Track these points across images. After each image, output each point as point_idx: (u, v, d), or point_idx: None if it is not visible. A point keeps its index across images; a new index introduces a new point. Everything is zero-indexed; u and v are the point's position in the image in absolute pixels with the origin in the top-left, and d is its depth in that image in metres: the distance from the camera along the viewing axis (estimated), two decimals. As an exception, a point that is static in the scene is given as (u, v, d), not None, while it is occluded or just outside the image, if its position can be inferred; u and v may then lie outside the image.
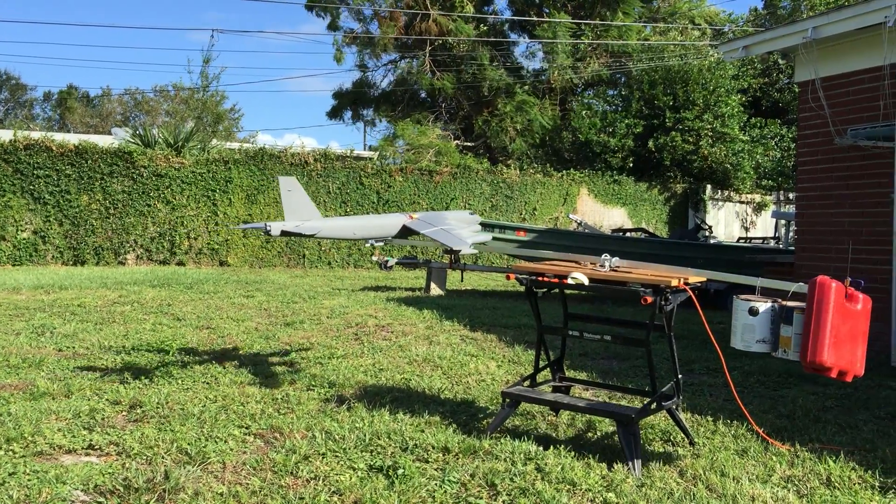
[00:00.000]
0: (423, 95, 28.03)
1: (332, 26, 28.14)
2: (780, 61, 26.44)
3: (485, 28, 27.59)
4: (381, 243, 5.86)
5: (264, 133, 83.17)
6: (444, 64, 26.55)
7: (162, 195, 16.99)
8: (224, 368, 6.19)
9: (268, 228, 5.20)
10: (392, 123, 28.07)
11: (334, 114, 31.00)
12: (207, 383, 5.68)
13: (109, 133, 28.30)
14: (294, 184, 5.69)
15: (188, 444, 4.20)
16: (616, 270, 4.47)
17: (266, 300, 10.74)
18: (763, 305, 3.90)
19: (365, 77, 29.78)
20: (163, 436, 4.34)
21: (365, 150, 29.74)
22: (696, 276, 4.36)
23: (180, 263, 17.02)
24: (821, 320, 3.64)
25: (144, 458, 4.03)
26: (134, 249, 16.82)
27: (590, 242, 13.26)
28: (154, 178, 16.93)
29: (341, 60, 27.53)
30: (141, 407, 4.95)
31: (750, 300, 3.95)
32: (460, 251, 5.13)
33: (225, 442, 4.30)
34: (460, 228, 5.55)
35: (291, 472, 3.84)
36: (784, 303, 3.90)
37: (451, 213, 5.94)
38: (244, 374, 6.00)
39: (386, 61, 29.12)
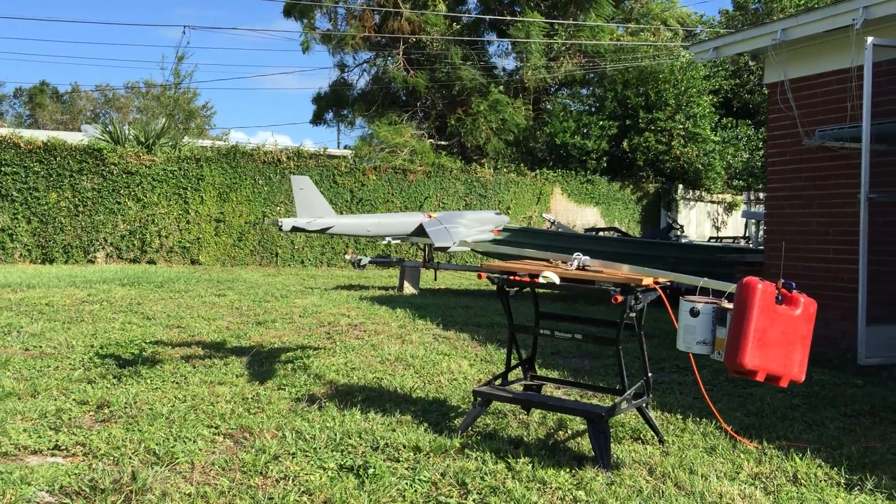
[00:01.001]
0: (398, 95, 27.96)
1: (309, 27, 28.02)
2: (751, 63, 26.73)
3: (458, 27, 27.59)
4: (394, 240, 5.89)
5: (238, 131, 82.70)
6: (419, 63, 26.51)
7: (132, 193, 16.82)
8: (194, 368, 6.13)
9: (280, 224, 5.33)
10: (367, 123, 28.00)
11: (316, 119, 30.90)
12: (177, 383, 5.62)
13: (79, 130, 27.95)
14: (307, 182, 5.81)
15: (156, 444, 4.16)
16: (586, 269, 4.49)
17: (238, 299, 10.66)
18: (704, 307, 3.85)
19: (342, 77, 29.67)
20: (130, 436, 4.29)
21: (339, 148, 29.66)
22: (650, 277, 4.37)
23: (151, 262, 16.86)
24: (744, 322, 3.59)
25: (111, 458, 3.98)
26: (104, 248, 16.63)
27: (563, 241, 13.32)
28: (124, 176, 16.75)
29: (308, 50, 27.39)
30: (109, 407, 4.89)
31: (694, 301, 3.92)
32: (445, 247, 5.16)
33: (194, 442, 4.26)
34: (470, 227, 5.57)
35: (261, 472, 3.81)
36: (723, 304, 3.87)
37: (474, 213, 5.96)
38: (214, 373, 5.95)
39: (361, 60, 29.04)
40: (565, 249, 10.05)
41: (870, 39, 6.61)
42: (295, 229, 5.44)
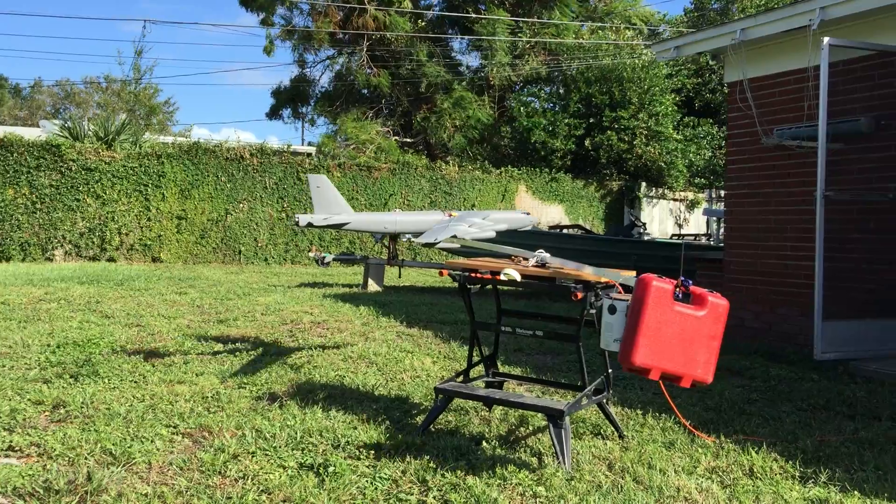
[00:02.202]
0: (363, 91, 27.87)
1: (266, 22, 27.79)
2: (711, 62, 27.06)
3: (423, 24, 27.56)
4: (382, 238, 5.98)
5: (201, 127, 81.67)
6: (383, 60, 26.44)
7: (92, 189, 16.56)
8: (153, 367, 6.06)
9: (296, 220, 5.44)
10: (331, 120, 27.86)
11: (273, 113, 30.64)
12: (135, 382, 5.55)
13: (38, 126, 27.45)
14: (323, 181, 5.90)
15: (113, 444, 4.10)
16: (546, 267, 4.51)
17: (199, 297, 10.55)
18: (620, 304, 3.82)
19: (303, 73, 29.47)
20: (86, 436, 4.22)
21: (303, 145, 29.47)
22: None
23: (111, 260, 16.62)
24: (636, 319, 3.56)
25: (66, 459, 3.92)
26: (62, 245, 16.36)
27: (527, 239, 13.37)
28: (83, 172, 16.49)
29: (271, 52, 27.19)
30: (64, 407, 4.81)
31: (613, 298, 3.90)
32: (430, 243, 5.21)
33: (151, 442, 4.20)
34: (482, 226, 5.60)
35: (219, 472, 3.78)
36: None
37: (499, 213, 5.97)
38: (174, 372, 5.88)
39: (324, 57, 28.88)
40: (529, 247, 10.09)
41: (826, 40, 6.72)
42: (311, 225, 5.58)
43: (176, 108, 54.54)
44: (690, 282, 3.71)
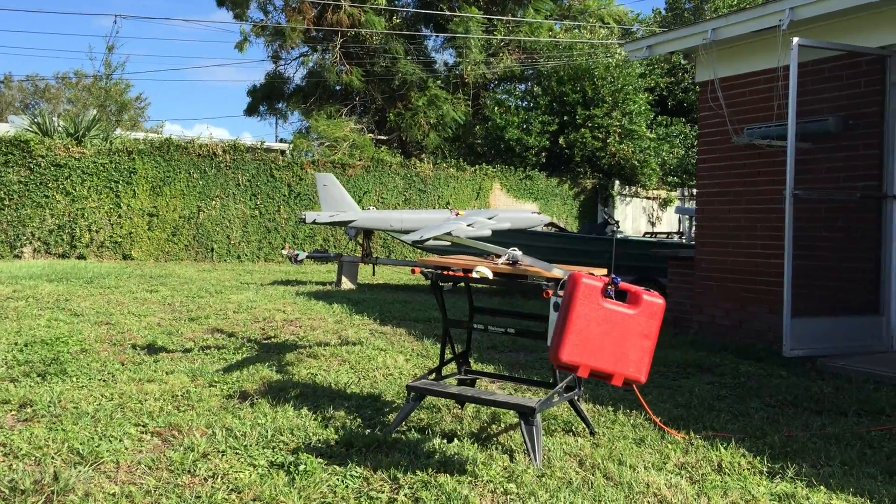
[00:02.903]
0: (336, 88, 27.75)
1: (239, 18, 27.59)
2: (683, 61, 27.28)
3: (397, 21, 27.51)
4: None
5: (174, 123, 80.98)
6: (357, 56, 26.34)
7: (61, 186, 16.36)
8: (122, 365, 6.00)
9: (302, 216, 5.43)
10: (304, 117, 27.73)
11: (251, 111, 30.48)
12: (104, 381, 5.49)
13: (6, 121, 27.05)
14: (330, 179, 5.90)
15: (80, 443, 4.05)
16: (518, 264, 4.53)
17: (170, 295, 10.46)
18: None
19: (277, 70, 29.30)
20: (53, 435, 4.17)
21: (276, 142, 29.32)
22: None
23: (81, 257, 16.43)
24: (564, 316, 3.56)
25: (33, 458, 3.87)
26: (31, 242, 16.14)
27: (503, 236, 13.39)
28: (53, 168, 16.28)
29: (244, 49, 26.99)
30: (31, 406, 4.74)
31: (560, 295, 3.90)
32: (419, 240, 5.24)
33: (120, 441, 4.16)
34: (478, 224, 5.63)
35: (189, 471, 3.75)
36: None
37: (507, 212, 5.99)
38: (143, 370, 5.82)
39: (298, 54, 28.72)
40: (503, 245, 10.11)
41: (795, 40, 6.80)
42: (316, 222, 5.60)
43: (148, 103, 53.88)
44: (619, 279, 3.68)
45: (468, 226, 10.45)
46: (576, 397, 4.56)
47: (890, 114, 7.08)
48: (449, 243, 10.86)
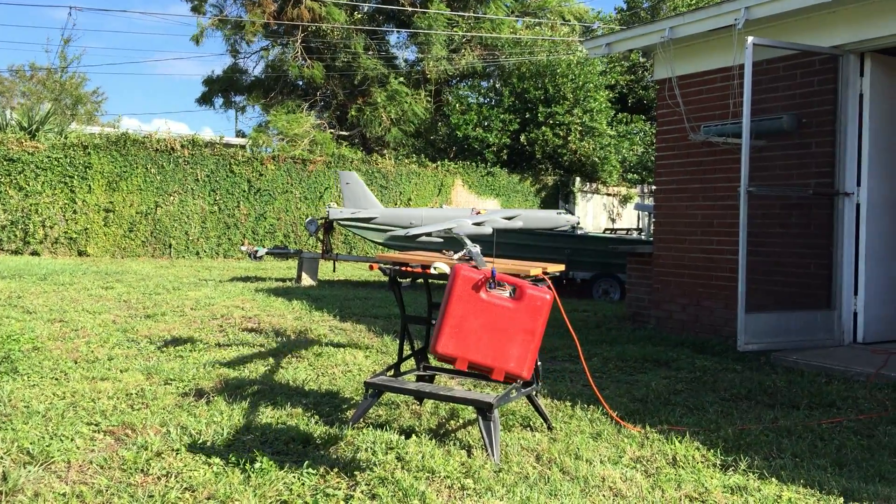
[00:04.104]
0: (297, 83, 27.52)
1: (197, 10, 27.21)
2: (642, 59, 27.55)
3: (359, 16, 27.37)
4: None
5: (132, 118, 79.53)
6: (318, 51, 26.16)
7: (14, 181, 16.02)
8: (76, 363, 5.89)
9: (326, 212, 5.47)
10: (264, 111, 27.47)
11: (204, 100, 30.03)
12: (56, 379, 5.38)
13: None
14: (353, 177, 5.94)
15: (31, 443, 3.96)
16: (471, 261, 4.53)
17: (126, 291, 10.29)
18: None
19: (236, 63, 28.97)
20: (3, 435, 4.07)
21: (235, 137, 29.01)
22: (539, 268, 4.45)
23: (34, 253, 16.10)
24: (443, 308, 3.57)
25: (-20, 459, 3.78)
26: (-18, 238, 15.78)
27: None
28: (5, 163, 15.94)
29: (200, 42, 26.64)
30: (-20, 406, 4.64)
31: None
32: (412, 235, 5.28)
33: (71, 440, 4.08)
34: (489, 222, 5.66)
35: (142, 470, 3.69)
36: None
37: (531, 212, 6.03)
38: (97, 369, 5.72)
39: (258, 48, 28.42)
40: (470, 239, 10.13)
41: (750, 39, 6.89)
42: (337, 220, 5.64)
43: (104, 98, 52.93)
44: (495, 272, 3.65)
45: (474, 224, 10.52)
46: (534, 392, 4.57)
47: (842, 112, 7.21)
48: (442, 240, 10.90)
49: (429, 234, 10.03)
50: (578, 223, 13.61)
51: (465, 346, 3.48)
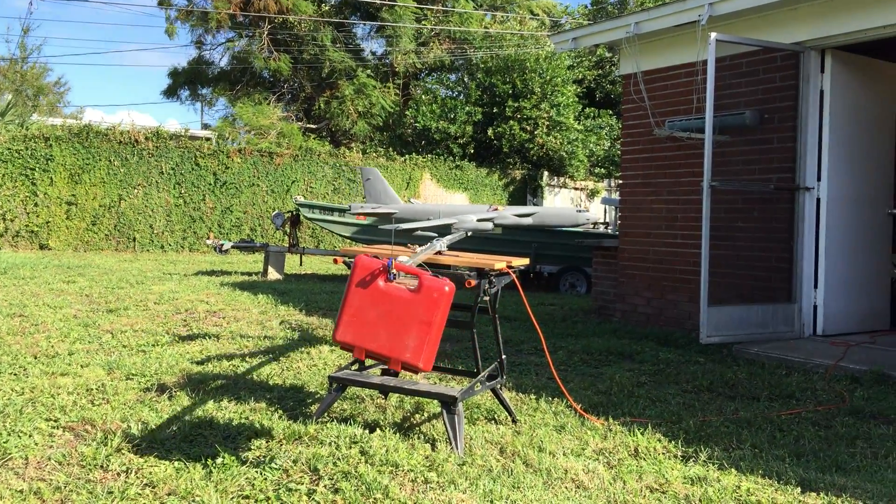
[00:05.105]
0: (263, 75, 27.27)
1: (163, 3, 26.83)
2: (608, 54, 27.71)
3: (326, 8, 27.19)
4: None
5: (96, 109, 78.27)
6: (285, 43, 25.94)
7: (-27, 173, 15.70)
8: (35, 358, 5.79)
9: (349, 207, 5.50)
10: (231, 103, 27.20)
11: (170, 93, 29.65)
12: (14, 374, 5.30)
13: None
14: (374, 173, 5.97)
15: (-13, 440, 3.90)
16: (441, 254, 4.53)
17: (89, 285, 10.15)
18: None
19: (202, 55, 28.63)
20: (-42, 432, 4.00)
21: (201, 129, 28.68)
22: (503, 262, 4.47)
23: (-6, 247, 15.81)
24: (344, 297, 3.62)
25: (-66, 457, 3.70)
26: (-60, 231, 15.46)
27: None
28: (-37, 155, 15.61)
29: (173, 35, 26.30)
30: (-65, 402, 4.54)
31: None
32: (411, 229, 5.30)
33: (29, 436, 4.02)
34: (501, 218, 5.69)
35: (101, 466, 3.64)
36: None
37: (548, 209, 6.05)
38: (57, 363, 5.64)
39: (223, 39, 28.11)
40: (437, 232, 10.13)
41: (713, 35, 6.96)
42: (359, 214, 5.67)
43: (68, 88, 52.05)
44: (392, 261, 3.67)
45: (479, 220, 10.54)
46: (498, 386, 4.59)
47: (803, 108, 7.31)
48: (436, 234, 10.97)
49: (424, 229, 10.04)
50: (598, 220, 13.76)
51: (362, 335, 3.52)
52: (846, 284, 7.46)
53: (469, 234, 5.62)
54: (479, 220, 10.56)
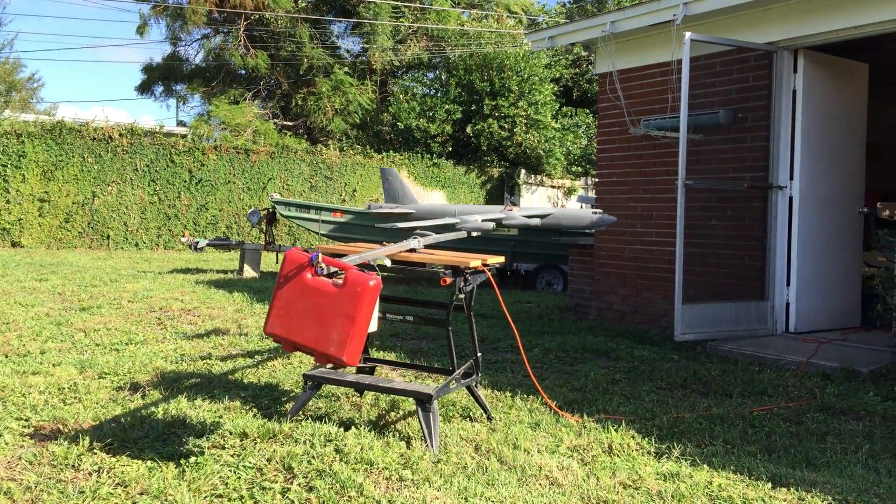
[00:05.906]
0: (240, 72, 27.08)
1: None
2: (584, 53, 27.82)
3: (304, 5, 27.05)
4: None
5: (70, 105, 77.31)
6: (262, 40, 25.79)
7: (-57, 169, 15.47)
8: (6, 357, 5.73)
9: (367, 206, 5.51)
10: (206, 100, 26.99)
11: (144, 89, 29.32)
12: (-15, 374, 5.23)
13: None
14: (393, 174, 5.98)
15: (-45, 440, 3.85)
16: (417, 252, 4.53)
17: (61, 284, 10.04)
18: None
19: (177, 51, 28.36)
20: (-74, 433, 3.95)
21: (177, 126, 28.44)
22: (479, 259, 4.48)
23: (-35, 244, 15.59)
24: (274, 290, 3.66)
25: None
26: None
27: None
28: (-67, 151, 15.38)
29: (145, 33, 26.03)
30: None
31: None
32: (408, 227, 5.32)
33: (0, 436, 3.97)
34: (509, 218, 5.69)
35: (73, 465, 3.61)
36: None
37: (561, 211, 6.05)
38: (28, 363, 5.57)
39: (199, 36, 27.86)
40: (408, 232, 10.12)
41: (688, 35, 7.01)
42: (379, 214, 5.68)
43: (41, 84, 51.51)
44: (318, 255, 3.66)
45: (484, 220, 10.52)
46: (474, 384, 4.60)
47: (776, 107, 7.38)
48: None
49: (423, 228, 10.06)
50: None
51: (289, 327, 3.54)
52: (818, 282, 7.55)
53: (475, 234, 5.64)
54: (483, 220, 10.56)
